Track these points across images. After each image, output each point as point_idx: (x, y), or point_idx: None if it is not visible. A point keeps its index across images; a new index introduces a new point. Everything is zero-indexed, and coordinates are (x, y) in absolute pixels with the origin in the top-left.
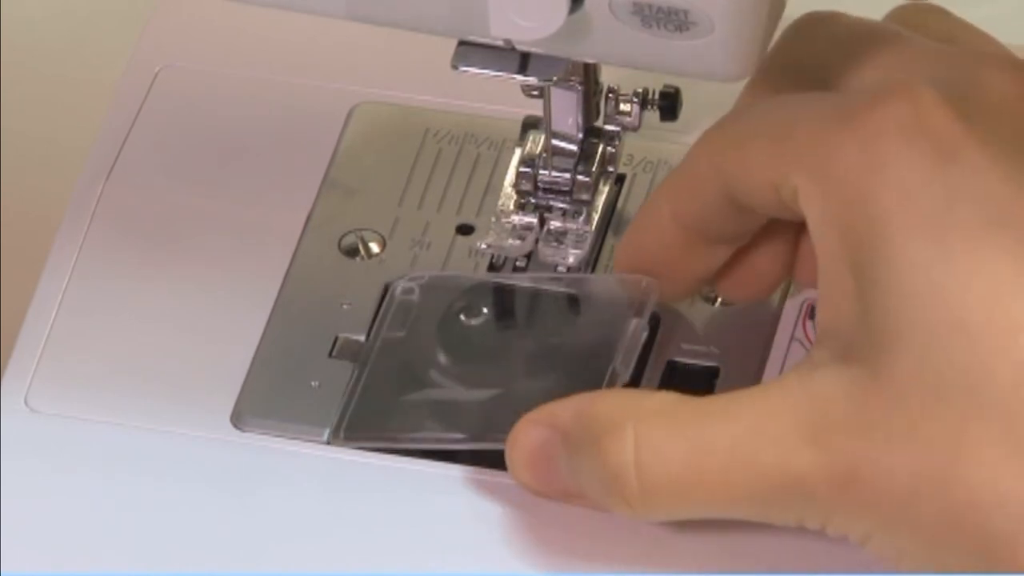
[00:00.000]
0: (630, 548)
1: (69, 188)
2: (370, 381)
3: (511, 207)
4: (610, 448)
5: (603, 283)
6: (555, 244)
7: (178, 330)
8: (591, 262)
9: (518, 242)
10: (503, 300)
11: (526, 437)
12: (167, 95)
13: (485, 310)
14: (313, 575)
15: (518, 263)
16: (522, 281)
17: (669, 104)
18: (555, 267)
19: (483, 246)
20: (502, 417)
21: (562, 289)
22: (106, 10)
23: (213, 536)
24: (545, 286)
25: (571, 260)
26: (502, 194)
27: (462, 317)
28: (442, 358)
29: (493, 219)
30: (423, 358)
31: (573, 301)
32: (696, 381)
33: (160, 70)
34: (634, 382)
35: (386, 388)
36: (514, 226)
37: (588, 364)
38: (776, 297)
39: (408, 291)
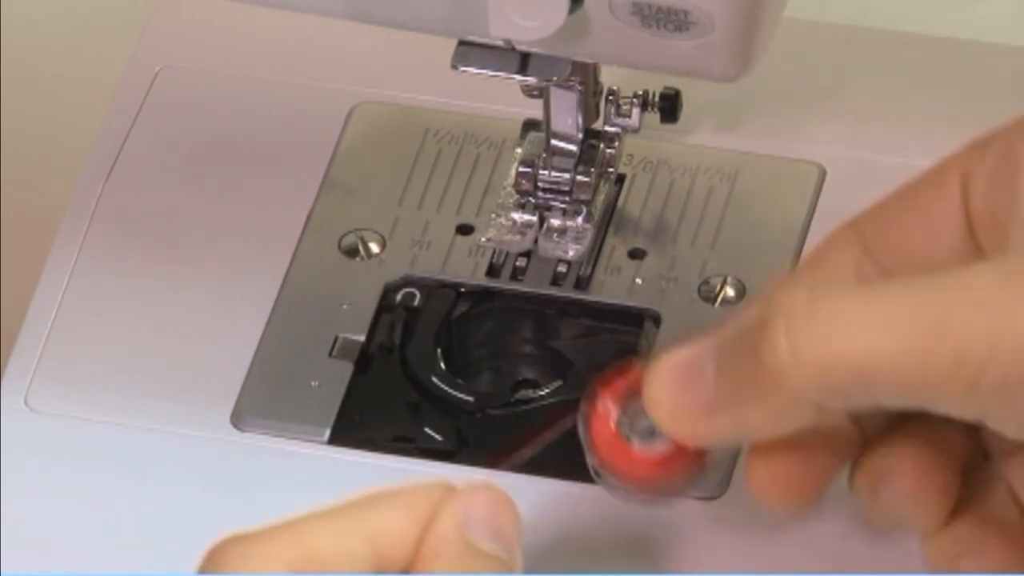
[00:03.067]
0: (629, 545)
1: (69, 188)
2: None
3: (511, 205)
4: (773, 312)
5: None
6: (556, 239)
7: (178, 330)
8: (592, 259)
9: (518, 237)
10: (503, 305)
11: (676, 356)
12: (167, 95)
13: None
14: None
15: (518, 262)
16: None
17: (669, 106)
18: (556, 261)
19: (484, 240)
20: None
21: (564, 295)
22: (106, 10)
23: (213, 536)
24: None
25: (571, 254)
26: (502, 192)
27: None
28: (442, 363)
29: (493, 215)
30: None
31: (575, 307)
32: None
33: (160, 70)
34: None
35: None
36: (514, 223)
37: (590, 371)
38: None
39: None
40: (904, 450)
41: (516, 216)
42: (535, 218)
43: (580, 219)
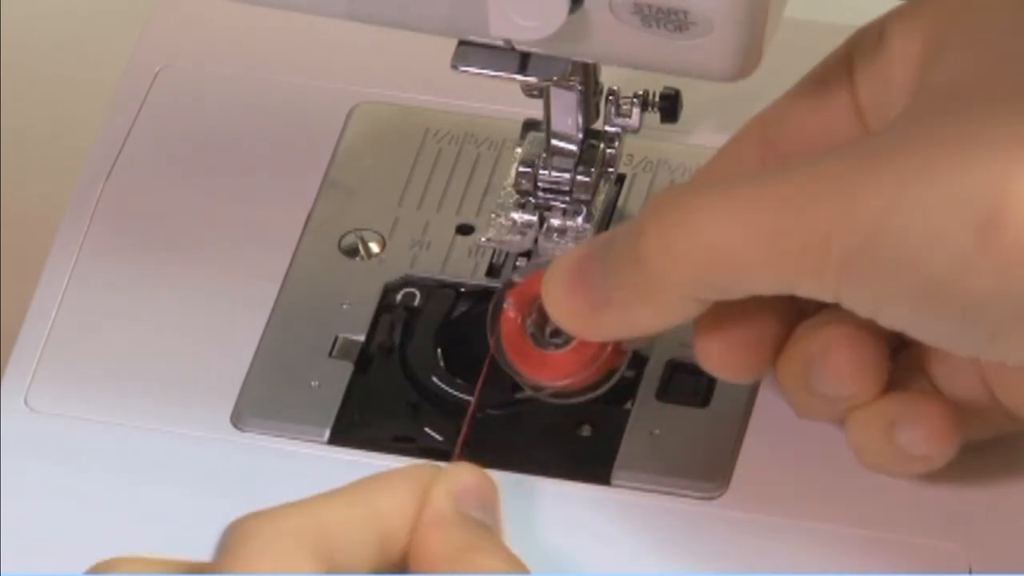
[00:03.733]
0: (629, 545)
1: (69, 188)
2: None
3: (511, 205)
4: (641, 220)
5: None
6: (556, 239)
7: (178, 330)
8: None
9: (518, 237)
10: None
11: (569, 256)
12: (167, 95)
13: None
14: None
15: (518, 262)
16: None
17: (669, 105)
18: None
19: (484, 240)
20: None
21: None
22: (106, 10)
23: (213, 536)
24: None
25: None
26: (502, 192)
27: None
28: (442, 363)
29: (493, 215)
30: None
31: None
32: (696, 380)
33: (160, 70)
34: (635, 381)
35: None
36: (515, 223)
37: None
38: None
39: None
40: (837, 328)
41: (516, 216)
42: (535, 218)
43: (580, 219)
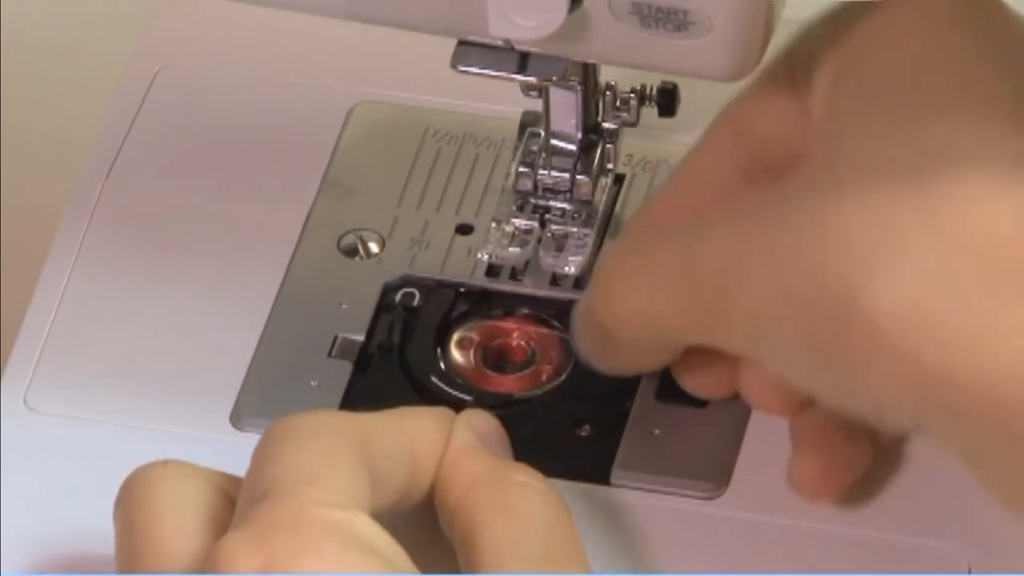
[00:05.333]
0: (629, 545)
1: (69, 188)
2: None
3: (511, 210)
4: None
5: None
6: (555, 253)
7: (177, 330)
8: (592, 268)
9: (518, 250)
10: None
11: (583, 300)
12: (167, 95)
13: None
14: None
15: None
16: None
17: (667, 100)
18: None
19: (483, 256)
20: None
21: (563, 296)
22: (106, 10)
23: None
24: (543, 292)
25: (572, 269)
26: (500, 198)
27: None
28: (442, 364)
29: (493, 224)
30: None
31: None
32: None
33: (160, 70)
34: (635, 381)
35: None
36: (514, 231)
37: (590, 371)
38: None
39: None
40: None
41: (516, 222)
42: (535, 223)
43: (580, 222)
